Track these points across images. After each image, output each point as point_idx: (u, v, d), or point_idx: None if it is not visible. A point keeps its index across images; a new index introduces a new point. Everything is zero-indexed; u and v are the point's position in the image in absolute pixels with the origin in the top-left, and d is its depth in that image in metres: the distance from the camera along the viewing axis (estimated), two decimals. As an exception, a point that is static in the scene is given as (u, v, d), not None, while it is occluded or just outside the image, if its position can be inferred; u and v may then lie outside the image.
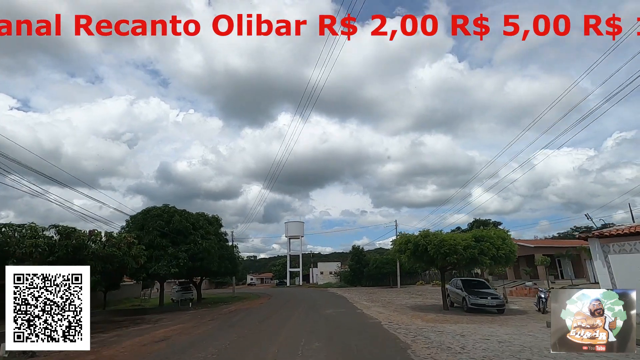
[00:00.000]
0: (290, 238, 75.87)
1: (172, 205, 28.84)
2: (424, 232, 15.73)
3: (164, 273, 24.20)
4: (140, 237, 24.38)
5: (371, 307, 18.98)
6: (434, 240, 14.97)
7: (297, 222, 78.10)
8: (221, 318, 17.01)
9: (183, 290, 39.36)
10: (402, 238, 16.42)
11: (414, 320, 13.42)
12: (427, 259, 15.52)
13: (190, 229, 26.58)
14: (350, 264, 46.02)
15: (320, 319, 14.35)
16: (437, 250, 14.70)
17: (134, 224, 26.48)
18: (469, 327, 11.54)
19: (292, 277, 79.75)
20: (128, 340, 11.60)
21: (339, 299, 26.76)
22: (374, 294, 31.11)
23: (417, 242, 15.27)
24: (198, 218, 28.83)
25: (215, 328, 13.31)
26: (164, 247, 24.80)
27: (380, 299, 24.95)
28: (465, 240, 14.70)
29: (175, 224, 25.97)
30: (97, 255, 15.96)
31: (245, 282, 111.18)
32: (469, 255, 14.45)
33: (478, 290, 16.08)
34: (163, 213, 26.62)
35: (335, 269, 57.75)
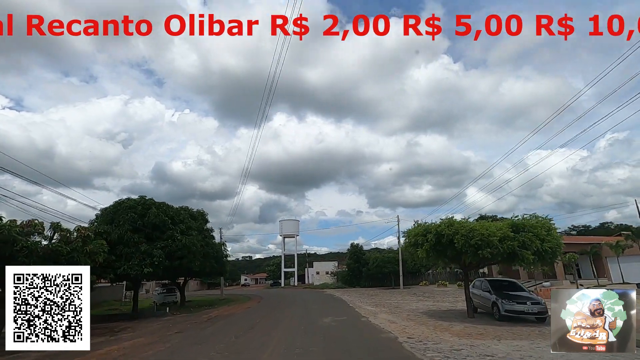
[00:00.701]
0: (284, 237, 72.46)
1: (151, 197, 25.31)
2: (447, 219, 12.44)
3: (135, 273, 20.67)
4: (108, 232, 21.02)
5: (377, 313, 15.69)
6: (461, 229, 11.70)
7: (292, 220, 74.68)
8: (193, 329, 13.62)
9: (166, 292, 35.94)
10: (419, 228, 13.13)
11: (439, 333, 10.14)
12: (451, 253, 12.24)
13: (168, 224, 23.07)
14: (349, 263, 42.68)
15: (317, 333, 11.03)
16: (465, 242, 11.44)
17: (103, 217, 22.99)
18: (523, 346, 8.28)
19: (286, 278, 76.38)
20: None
21: (338, 302, 23.44)
22: (376, 296, 27.82)
23: (440, 232, 11.98)
24: (179, 212, 25.37)
25: (176, 347, 9.92)
26: (136, 243, 21.27)
27: (384, 302, 21.66)
28: (500, 230, 11.45)
29: (150, 218, 22.44)
30: (32, 251, 12.55)
31: (239, 282, 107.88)
32: (506, 249, 11.21)
33: (513, 293, 12.83)
34: (137, 205, 23.08)
35: (332, 268, 54.47)
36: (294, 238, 72.24)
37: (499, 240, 11.20)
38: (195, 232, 25.40)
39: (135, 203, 23.42)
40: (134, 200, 23.94)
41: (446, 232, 11.82)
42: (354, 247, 42.53)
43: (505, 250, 11.21)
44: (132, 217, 22.01)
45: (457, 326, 11.40)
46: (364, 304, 20.51)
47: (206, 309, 25.05)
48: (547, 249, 11.42)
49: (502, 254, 11.37)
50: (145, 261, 20.87)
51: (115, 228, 21.33)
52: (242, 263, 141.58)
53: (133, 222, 21.91)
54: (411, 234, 13.35)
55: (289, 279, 77.54)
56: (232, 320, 15.96)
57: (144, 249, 21.09)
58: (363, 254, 41.92)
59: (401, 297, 25.00)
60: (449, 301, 21.07)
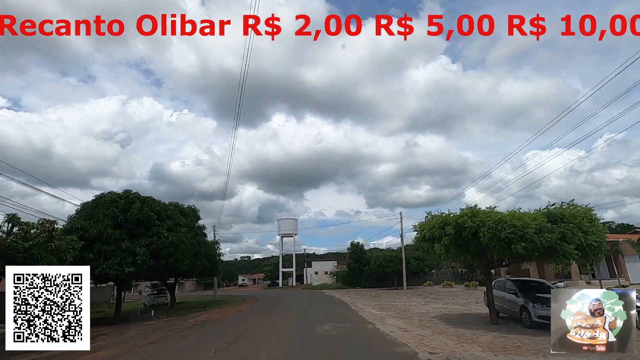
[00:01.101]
0: (282, 236, 70.28)
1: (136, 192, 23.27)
2: (470, 209, 10.45)
3: (114, 273, 18.66)
4: (85, 228, 19.03)
5: (384, 318, 13.71)
6: (487, 221, 9.72)
7: (290, 219, 72.58)
8: (171, 338, 11.61)
9: (156, 293, 33.93)
10: (435, 220, 11.12)
11: (466, 346, 8.18)
12: (475, 249, 10.25)
13: (154, 219, 21.02)
14: (349, 263, 40.64)
15: (315, 345, 9.06)
16: (493, 235, 9.47)
17: (82, 212, 20.99)
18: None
19: (285, 278, 74.35)
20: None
21: (338, 304, 21.45)
22: (379, 297, 25.84)
23: (461, 224, 9.99)
24: (166, 207, 23.32)
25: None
26: (117, 240, 19.29)
27: (390, 304, 19.68)
28: (535, 221, 9.48)
29: (134, 213, 20.42)
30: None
31: (237, 283, 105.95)
32: (544, 243, 9.23)
33: (544, 296, 10.82)
34: (119, 199, 21.06)
35: (331, 268, 52.42)
36: (292, 237, 70.18)
37: (534, 232, 9.23)
38: (184, 229, 23.38)
39: (117, 197, 21.40)
40: (116, 194, 21.92)
41: (469, 224, 9.83)
42: (355, 246, 40.57)
43: (544, 244, 9.24)
44: (113, 212, 20.01)
45: (484, 336, 9.43)
46: (368, 307, 18.54)
47: (196, 311, 23.03)
48: (591, 242, 9.46)
49: (539, 249, 9.39)
50: (126, 260, 18.89)
51: (94, 224, 19.34)
52: (241, 263, 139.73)
53: (114, 218, 19.91)
54: (425, 227, 11.35)
55: (287, 279, 75.47)
56: (219, 326, 13.95)
57: (126, 247, 19.09)
58: (364, 253, 39.94)
59: (406, 299, 23.03)
60: (460, 303, 19.11)
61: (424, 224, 11.56)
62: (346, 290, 36.83)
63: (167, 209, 23.39)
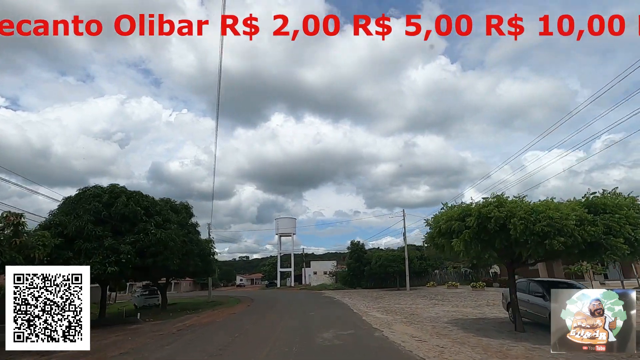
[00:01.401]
0: (281, 235, 68.79)
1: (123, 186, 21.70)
2: (496, 197, 8.93)
3: (96, 273, 17.08)
4: (64, 223, 17.52)
5: (392, 323, 12.20)
6: (517, 211, 8.22)
7: (289, 218, 71.13)
8: (149, 347, 10.06)
9: (148, 294, 32.38)
10: (453, 210, 9.61)
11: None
12: (500, 244, 8.73)
13: (140, 215, 19.46)
14: (349, 262, 39.08)
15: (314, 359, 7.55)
16: (526, 228, 7.96)
17: (63, 207, 19.45)
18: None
19: (283, 278, 72.85)
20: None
21: (339, 307, 19.93)
22: (382, 299, 24.32)
23: (485, 214, 8.49)
24: (155, 203, 21.77)
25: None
26: (100, 237, 17.77)
27: (394, 307, 18.17)
28: (575, 212, 7.98)
29: (119, 208, 18.87)
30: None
31: (234, 283, 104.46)
32: (586, 238, 7.74)
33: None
34: (103, 193, 19.53)
35: (330, 268, 50.88)
36: (291, 237, 68.64)
37: (575, 225, 7.73)
38: (174, 225, 21.79)
39: (101, 191, 19.84)
40: (101, 188, 20.33)
41: (495, 214, 8.31)
42: (355, 245, 39.01)
43: (585, 240, 7.74)
44: (95, 206, 18.45)
45: (514, 347, 7.92)
46: (371, 310, 17.03)
47: (187, 314, 21.52)
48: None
49: (579, 245, 7.89)
50: (109, 259, 17.33)
51: (74, 219, 17.81)
52: (239, 263, 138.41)
53: (96, 213, 18.36)
54: (441, 219, 9.83)
55: (285, 279, 73.94)
56: (206, 332, 12.41)
57: (109, 244, 17.53)
58: (364, 253, 38.39)
59: (411, 301, 21.53)
60: (470, 306, 17.63)
61: (439, 215, 10.03)
62: (346, 291, 35.33)
63: (156, 204, 21.86)
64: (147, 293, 32.06)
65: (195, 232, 27.88)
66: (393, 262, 32.16)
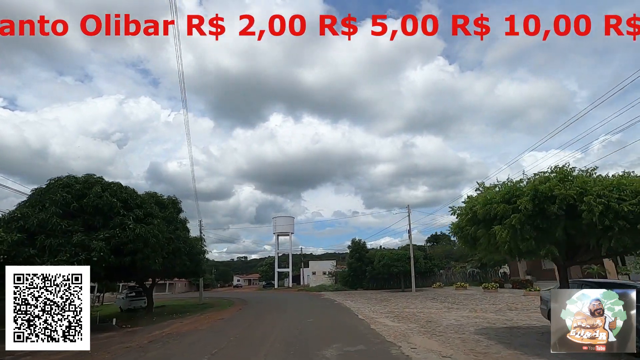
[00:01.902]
0: (278, 234, 66.45)
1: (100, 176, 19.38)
2: (559, 169, 6.68)
3: (61, 273, 14.77)
4: (26, 216, 15.23)
5: (409, 334, 9.91)
6: (592, 186, 5.97)
7: (286, 216, 68.78)
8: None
9: (134, 296, 29.98)
10: (493, 192, 7.35)
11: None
12: (562, 233, 6.48)
13: (117, 208, 17.14)
14: (350, 262, 36.72)
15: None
16: (607, 209, 5.73)
17: (31, 199, 17.13)
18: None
19: (281, 279, 70.59)
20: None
21: (342, 311, 17.63)
22: (387, 301, 22.03)
23: (545, 192, 6.24)
24: (135, 195, 19.44)
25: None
26: (67, 232, 15.49)
27: (405, 311, 15.89)
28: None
29: (91, 199, 16.58)
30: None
31: (231, 283, 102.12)
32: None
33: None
34: (75, 183, 17.23)
35: (329, 268, 48.54)
36: (289, 236, 66.27)
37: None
38: (158, 220, 19.45)
39: (73, 181, 17.55)
40: (74, 177, 18.02)
41: (561, 192, 6.07)
42: (356, 243, 36.70)
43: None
44: (64, 197, 16.11)
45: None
46: (379, 315, 14.75)
47: (172, 318, 19.22)
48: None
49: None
50: (78, 257, 15.00)
51: (38, 212, 15.51)
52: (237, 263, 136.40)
53: (65, 205, 16.05)
54: (476, 202, 7.56)
55: (283, 279, 71.64)
56: (181, 345, 10.09)
57: (78, 240, 15.19)
58: (366, 252, 36.10)
59: (421, 304, 19.26)
60: (491, 310, 15.39)
61: (474, 198, 7.78)
62: (347, 293, 33.01)
63: (137, 197, 19.54)
64: (134, 295, 29.66)
65: (184, 229, 25.63)
66: (397, 261, 29.85)
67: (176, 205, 25.09)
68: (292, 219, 68.86)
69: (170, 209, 24.00)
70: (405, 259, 29.68)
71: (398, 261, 29.79)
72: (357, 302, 22.32)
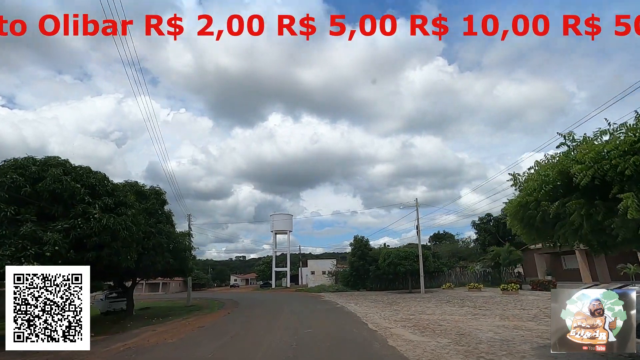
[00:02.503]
0: (276, 233, 63.66)
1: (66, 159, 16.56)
2: None
3: (2, 272, 11.98)
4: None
5: (446, 357, 7.18)
6: None
7: (284, 214, 66.02)
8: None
9: (115, 297, 27.13)
10: (611, 142, 4.59)
11: None
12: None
13: (80, 194, 14.35)
14: (352, 261, 33.91)
15: None
16: None
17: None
18: None
19: (278, 278, 67.85)
20: None
21: (347, 318, 14.85)
22: (397, 304, 19.27)
23: None
24: (104, 180, 16.52)
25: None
26: (15, 221, 12.77)
27: (423, 319, 13.12)
28: None
29: (48, 183, 13.82)
30: None
31: (229, 283, 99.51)
32: None
33: None
34: (30, 165, 14.46)
35: (329, 267, 45.74)
36: (287, 234, 63.49)
37: None
38: (133, 211, 16.66)
39: (30, 162, 14.78)
40: (32, 158, 15.26)
41: None
42: (359, 240, 33.91)
43: None
44: (14, 180, 13.32)
45: None
46: (393, 324, 11.99)
47: (147, 324, 16.45)
48: None
49: None
50: (27, 251, 12.26)
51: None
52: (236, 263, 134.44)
53: (15, 189, 13.24)
54: (555, 168, 4.80)
55: (280, 279, 68.89)
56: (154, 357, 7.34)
57: (27, 231, 12.44)
58: (369, 250, 33.36)
59: (437, 308, 16.50)
60: (525, 317, 12.69)
61: (549, 165, 5.00)
62: (349, 294, 30.18)
63: (109, 183, 16.72)
64: (115, 296, 26.81)
65: (168, 222, 22.89)
66: (404, 259, 27.07)
67: (160, 196, 22.39)
68: (290, 216, 66.11)
69: (153, 200, 21.30)
70: (412, 257, 26.94)
71: (405, 259, 27.02)
72: (362, 305, 19.56)
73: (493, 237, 36.11)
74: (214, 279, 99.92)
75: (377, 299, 23.61)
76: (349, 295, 27.85)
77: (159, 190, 22.25)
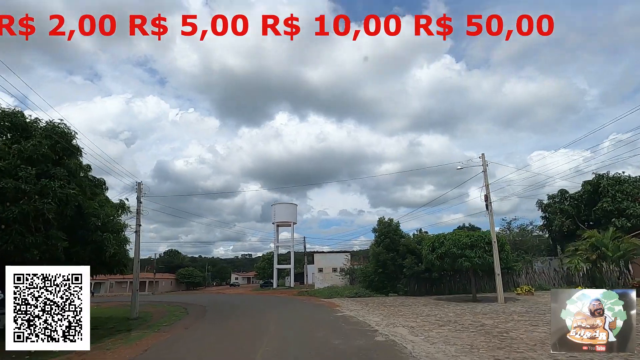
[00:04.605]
0: (278, 225, 53.62)
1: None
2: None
3: None
4: None
5: None
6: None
7: (288, 203, 55.89)
8: None
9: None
10: None
11: None
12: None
13: None
14: (377, 252, 23.47)
15: None
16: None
17: None
18: None
19: (281, 277, 58.07)
20: None
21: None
22: (508, 338, 9.28)
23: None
24: None
25: None
26: None
27: None
28: None
29: None
30: None
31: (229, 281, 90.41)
32: None
33: None
34: None
35: (341, 263, 35.46)
36: (291, 226, 53.48)
37: None
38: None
39: None
40: None
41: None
42: (385, 224, 23.60)
43: None
44: None
45: None
46: None
47: None
48: None
49: None
50: None
51: None
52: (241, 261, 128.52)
53: None
54: None
55: (284, 278, 59.08)
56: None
57: None
58: (401, 237, 23.16)
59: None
60: None
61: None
62: (381, 303, 19.23)
63: None
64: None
65: (87, 186, 13.31)
66: (470, 248, 16.75)
67: (65, 137, 12.68)
68: (294, 206, 55.96)
69: (42, 139, 11.57)
70: (483, 245, 16.64)
71: (471, 248, 16.74)
72: (431, 337, 9.50)
73: (572, 222, 26.06)
74: (213, 277, 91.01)
75: (440, 313, 13.46)
76: (380, 305, 17.63)
77: (59, 127, 12.50)
